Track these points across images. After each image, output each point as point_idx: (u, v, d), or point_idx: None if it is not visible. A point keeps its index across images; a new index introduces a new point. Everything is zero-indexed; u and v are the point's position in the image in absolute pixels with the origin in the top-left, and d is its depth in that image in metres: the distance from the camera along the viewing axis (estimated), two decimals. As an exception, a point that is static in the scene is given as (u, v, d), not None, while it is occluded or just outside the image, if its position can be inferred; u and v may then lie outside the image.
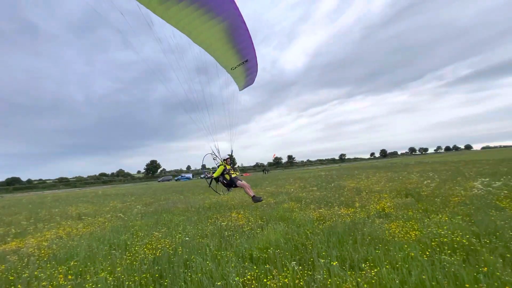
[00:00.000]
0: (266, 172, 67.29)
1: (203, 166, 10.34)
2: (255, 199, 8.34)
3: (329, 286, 3.24)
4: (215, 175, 8.85)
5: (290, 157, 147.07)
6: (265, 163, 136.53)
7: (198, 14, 5.70)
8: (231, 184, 8.84)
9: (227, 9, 5.93)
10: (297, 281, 3.42)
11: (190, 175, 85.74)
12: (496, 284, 2.91)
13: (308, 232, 5.55)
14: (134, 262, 4.63)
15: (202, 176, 10.31)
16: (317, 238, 5.06)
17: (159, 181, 77.26)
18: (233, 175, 8.93)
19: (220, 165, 8.95)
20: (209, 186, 9.36)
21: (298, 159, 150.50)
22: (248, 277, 3.72)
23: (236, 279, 3.64)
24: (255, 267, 4.00)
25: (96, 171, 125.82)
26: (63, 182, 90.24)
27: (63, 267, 4.63)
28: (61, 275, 4.22)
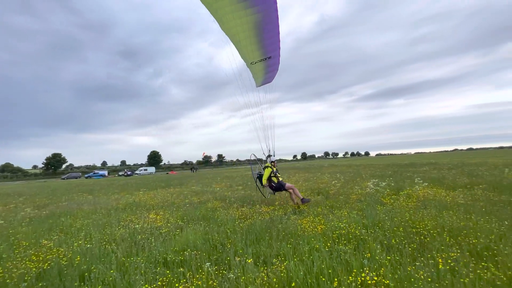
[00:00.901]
0: (194, 170, 65.34)
1: (255, 161, 9.31)
2: (304, 200, 7.66)
3: (242, 284, 3.30)
4: (263, 179, 8.14)
5: (220, 156, 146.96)
6: (194, 161, 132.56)
7: (235, 0, 5.20)
8: (279, 187, 8.16)
9: (265, 1, 5.47)
10: (210, 282, 3.36)
11: (105, 172, 75.22)
12: (375, 266, 3.54)
13: (228, 231, 5.58)
14: (8, 280, 3.68)
15: (255, 176, 9.03)
16: (237, 236, 5.13)
17: (63, 179, 65.03)
18: (280, 178, 8.33)
19: (267, 167, 8.28)
20: (257, 188, 8.79)
21: (228, 158, 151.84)
22: (159, 283, 3.46)
23: (144, 287, 3.32)
24: (168, 271, 3.75)
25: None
26: None
27: None
28: None
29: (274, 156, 8.71)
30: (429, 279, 3.04)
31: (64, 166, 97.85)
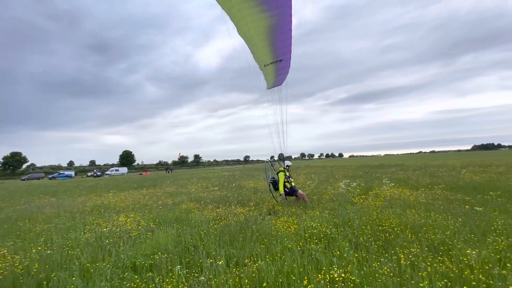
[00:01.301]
0: (170, 171, 63.48)
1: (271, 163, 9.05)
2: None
3: (213, 286, 3.26)
4: (280, 186, 8.05)
5: (197, 156, 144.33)
6: (170, 162, 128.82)
7: (252, 4, 5.37)
8: (292, 192, 8.11)
9: (281, 5, 5.59)
10: (181, 286, 3.28)
11: (71, 173, 70.35)
12: (343, 263, 3.68)
13: (202, 232, 5.49)
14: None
15: (269, 180, 8.69)
16: (210, 238, 5.07)
17: (23, 180, 59.85)
18: (292, 183, 8.24)
19: (281, 171, 8.19)
20: (271, 193, 8.49)
21: (205, 158, 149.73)
22: (126, 289, 3.31)
23: (109, 293, 3.17)
24: (136, 276, 3.60)
25: None
26: None
27: None
28: None
29: (285, 155, 8.80)
30: (391, 274, 3.23)
31: (24, 166, 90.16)
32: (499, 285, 2.88)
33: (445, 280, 3.09)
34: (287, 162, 8.76)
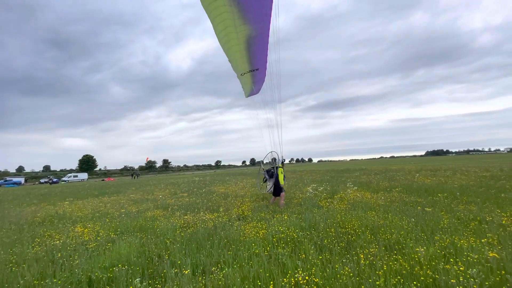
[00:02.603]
0: (136, 177, 60.18)
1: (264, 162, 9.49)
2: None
3: (177, 296, 3.15)
4: (281, 181, 8.60)
5: (165, 161, 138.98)
6: (136, 167, 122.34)
7: (235, 15, 5.59)
8: (280, 190, 8.62)
9: (262, 19, 5.85)
10: (142, 299, 3.12)
11: (21, 180, 63.28)
12: (308, 266, 3.80)
13: (167, 241, 5.28)
14: None
15: (265, 177, 9.14)
16: (176, 246, 4.90)
17: (-42, 188, 52.27)
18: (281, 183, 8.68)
19: (279, 167, 8.72)
20: (259, 183, 8.72)
21: (174, 163, 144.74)
22: (80, 306, 3.05)
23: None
24: (92, 292, 3.34)
25: None
26: None
27: None
28: None
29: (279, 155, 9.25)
30: (351, 274, 3.41)
31: (-39, 172, 79.00)
32: (443, 279, 3.19)
33: (399, 277, 3.34)
34: (281, 158, 9.29)
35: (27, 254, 4.98)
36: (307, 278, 3.36)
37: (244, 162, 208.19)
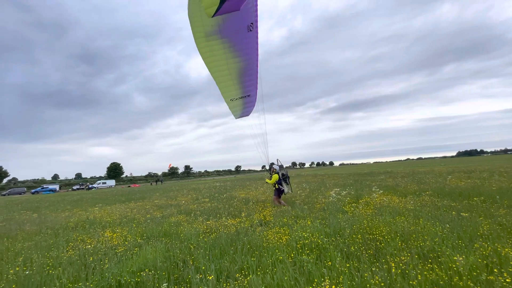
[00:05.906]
0: (161, 182, 62.18)
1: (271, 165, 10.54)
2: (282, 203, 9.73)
3: (202, 302, 3.15)
4: (271, 181, 9.89)
5: (187, 167, 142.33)
6: (159, 173, 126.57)
7: (226, 51, 5.99)
8: (279, 193, 9.98)
9: (250, 52, 6.28)
10: (169, 304, 3.15)
11: (56, 187, 67.72)
12: (335, 274, 3.65)
13: (191, 246, 5.35)
14: None
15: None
16: (200, 252, 4.94)
17: (3, 195, 57.11)
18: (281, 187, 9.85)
19: (276, 173, 9.88)
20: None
21: (195, 169, 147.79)
22: (110, 310, 3.15)
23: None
24: (121, 296, 3.44)
25: None
26: None
27: None
28: None
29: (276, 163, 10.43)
30: (382, 284, 3.22)
31: (5, 180, 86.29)
32: (487, 291, 2.91)
33: (435, 288, 3.10)
34: (275, 166, 10.22)
35: (62, 257, 5.26)
36: (333, 287, 3.22)
37: (264, 166, 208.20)
